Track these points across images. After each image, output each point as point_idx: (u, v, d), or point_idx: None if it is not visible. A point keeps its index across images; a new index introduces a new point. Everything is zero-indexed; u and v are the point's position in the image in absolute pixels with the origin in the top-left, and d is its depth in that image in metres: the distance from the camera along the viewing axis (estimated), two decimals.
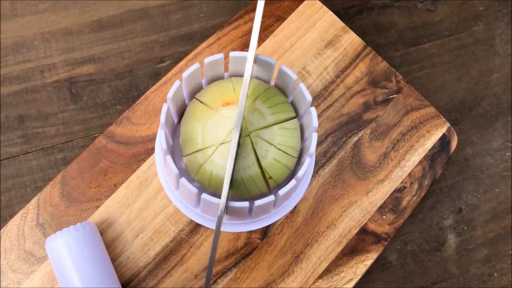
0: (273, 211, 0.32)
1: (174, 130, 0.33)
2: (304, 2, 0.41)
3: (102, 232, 0.36)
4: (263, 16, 0.41)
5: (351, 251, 0.37)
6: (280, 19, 0.41)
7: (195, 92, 0.32)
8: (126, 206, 0.36)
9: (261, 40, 0.40)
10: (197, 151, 0.30)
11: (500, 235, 0.40)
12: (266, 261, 0.36)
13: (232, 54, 0.31)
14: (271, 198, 0.29)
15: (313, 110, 0.30)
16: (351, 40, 0.40)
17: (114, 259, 0.35)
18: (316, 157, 0.38)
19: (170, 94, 0.30)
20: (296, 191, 0.33)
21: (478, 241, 0.40)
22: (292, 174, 0.31)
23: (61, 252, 0.32)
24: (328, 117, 0.39)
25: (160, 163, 0.33)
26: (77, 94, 0.40)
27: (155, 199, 0.36)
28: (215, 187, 0.30)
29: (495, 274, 0.40)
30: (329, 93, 0.40)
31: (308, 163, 0.30)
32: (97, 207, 0.36)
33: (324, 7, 0.41)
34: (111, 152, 0.37)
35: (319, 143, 0.39)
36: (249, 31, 0.40)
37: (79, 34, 0.41)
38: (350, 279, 0.36)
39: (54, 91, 0.40)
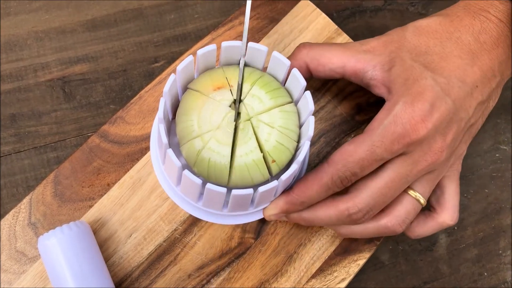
0: (274, 199, 0.33)
1: (169, 127, 0.33)
2: (298, 4, 0.41)
3: (95, 232, 0.36)
4: (257, 18, 0.41)
5: (344, 250, 0.37)
6: (274, 20, 0.41)
7: (187, 84, 0.33)
8: (119, 206, 0.36)
9: (254, 41, 0.40)
10: (194, 138, 0.30)
11: (490, 235, 0.41)
12: (259, 261, 0.36)
13: (224, 44, 0.31)
14: (274, 183, 0.29)
15: (308, 94, 0.31)
16: (344, 42, 0.41)
17: (107, 258, 0.35)
18: (309, 157, 0.38)
19: (166, 88, 0.30)
20: (296, 178, 0.33)
21: (468, 241, 0.41)
22: (291, 161, 0.31)
23: (54, 250, 0.32)
24: (321, 118, 0.39)
25: (158, 159, 0.33)
26: (70, 93, 0.40)
27: (149, 198, 0.36)
28: (215, 176, 0.30)
29: (485, 274, 0.40)
30: (322, 94, 0.40)
31: (308, 146, 0.30)
32: (90, 206, 0.36)
33: (318, 9, 0.41)
34: (105, 152, 0.37)
35: (312, 144, 0.39)
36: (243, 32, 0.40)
37: (72, 33, 0.41)
38: (343, 279, 0.36)
39: (47, 90, 0.40)
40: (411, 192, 0.32)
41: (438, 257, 0.40)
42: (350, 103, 0.40)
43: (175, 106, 0.33)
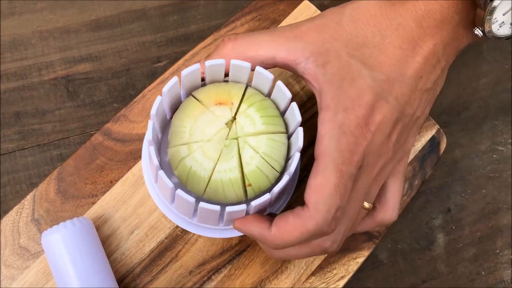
0: (220, 225, 0.32)
1: (165, 125, 0.34)
2: (299, 6, 0.42)
3: (97, 228, 0.36)
4: (259, 19, 0.42)
5: (343, 248, 0.37)
6: (276, 22, 0.42)
7: (192, 91, 0.33)
8: (122, 203, 0.37)
9: None
10: (182, 144, 0.30)
11: (487, 235, 0.41)
12: (260, 258, 0.37)
13: (233, 62, 0.31)
14: (242, 207, 0.29)
15: (300, 130, 0.30)
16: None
17: (109, 255, 0.36)
18: (309, 157, 0.39)
19: (165, 88, 0.30)
20: (274, 207, 0.33)
21: (466, 241, 0.41)
22: (271, 189, 0.30)
23: (57, 246, 0.32)
24: None
25: (145, 154, 0.33)
26: (74, 91, 0.41)
27: (151, 196, 0.37)
28: (192, 185, 0.30)
29: (482, 273, 0.41)
30: None
31: (286, 181, 0.29)
32: (93, 203, 0.37)
33: (319, 11, 0.42)
34: (108, 149, 0.38)
35: (312, 144, 0.39)
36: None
37: (77, 33, 0.42)
38: (342, 276, 0.37)
39: (51, 89, 0.41)
40: None
41: (436, 256, 0.41)
42: None
43: (177, 106, 0.33)
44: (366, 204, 0.30)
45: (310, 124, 0.40)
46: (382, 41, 0.29)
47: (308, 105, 0.40)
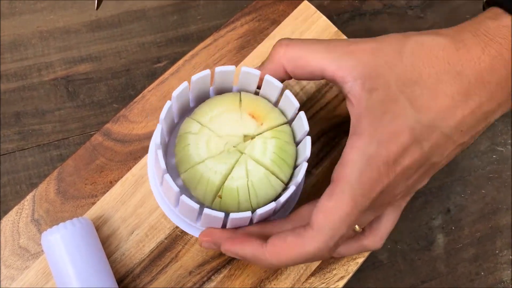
0: (197, 224, 0.32)
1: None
2: (299, 7, 0.42)
3: (97, 229, 0.36)
4: (258, 20, 0.42)
5: None
6: (276, 22, 0.42)
7: (247, 88, 0.33)
8: (122, 203, 0.37)
9: (256, 42, 0.41)
10: (198, 122, 0.31)
11: (487, 235, 0.41)
12: None
13: (287, 93, 0.31)
14: (195, 206, 0.29)
15: (291, 188, 0.30)
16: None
17: (109, 255, 0.36)
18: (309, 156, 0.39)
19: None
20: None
21: (465, 241, 0.41)
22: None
23: (57, 246, 0.32)
24: (322, 118, 0.40)
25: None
26: (74, 92, 0.41)
27: (151, 196, 0.37)
28: (179, 159, 0.30)
29: (482, 273, 0.41)
30: (322, 95, 0.41)
31: (244, 216, 0.29)
32: (93, 203, 0.37)
33: (318, 12, 0.42)
34: (108, 150, 0.38)
35: (312, 143, 0.39)
36: (245, 34, 0.41)
37: (77, 33, 0.42)
38: (341, 277, 0.37)
39: (51, 89, 0.41)
40: None
41: (436, 256, 0.41)
42: None
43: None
44: (357, 227, 0.30)
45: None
46: (436, 85, 0.27)
47: (308, 105, 0.40)
